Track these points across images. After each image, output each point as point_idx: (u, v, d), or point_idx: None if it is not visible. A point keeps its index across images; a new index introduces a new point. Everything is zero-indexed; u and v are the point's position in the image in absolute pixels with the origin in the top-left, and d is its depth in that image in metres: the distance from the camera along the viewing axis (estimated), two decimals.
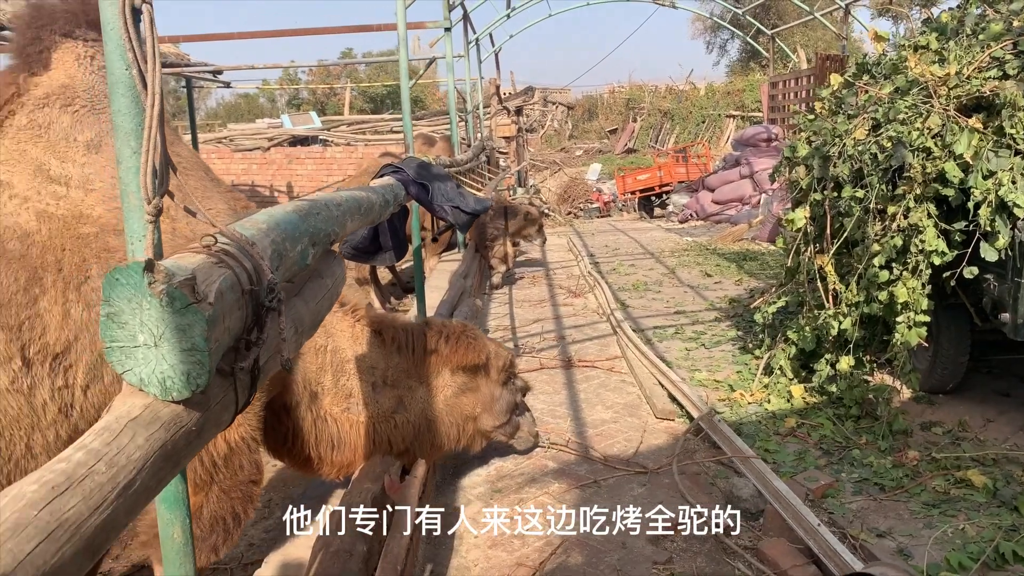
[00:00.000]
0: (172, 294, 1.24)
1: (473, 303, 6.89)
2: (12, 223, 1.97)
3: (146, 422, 1.21)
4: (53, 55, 2.28)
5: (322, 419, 2.88)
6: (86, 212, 2.11)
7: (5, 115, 2.18)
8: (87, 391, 1.99)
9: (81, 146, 2.20)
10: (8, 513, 0.92)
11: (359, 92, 35.99)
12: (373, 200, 3.06)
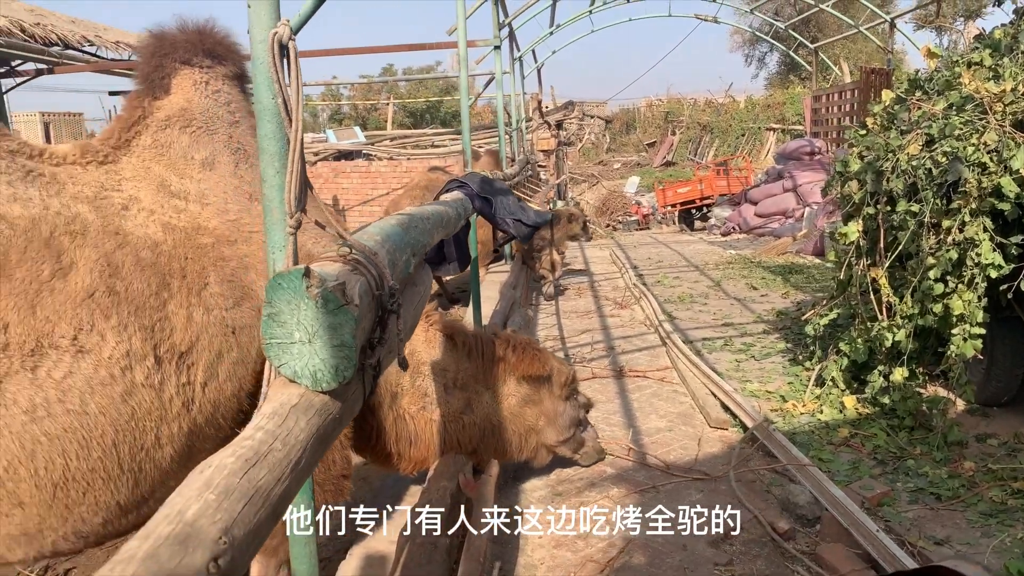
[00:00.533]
0: (326, 296, 1.41)
1: (525, 313, 7.04)
2: (143, 234, 2.13)
3: (303, 409, 1.37)
4: (173, 81, 2.50)
5: (401, 417, 3.05)
6: (203, 224, 2.29)
7: (132, 135, 2.39)
8: (205, 387, 2.16)
9: (197, 164, 2.41)
10: (218, 479, 1.09)
11: (400, 107, 36.50)
12: (450, 214, 3.23)
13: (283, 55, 1.57)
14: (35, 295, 1.87)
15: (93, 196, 2.14)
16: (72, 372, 1.87)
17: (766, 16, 21.34)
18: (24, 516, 1.87)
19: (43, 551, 1.98)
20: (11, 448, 1.80)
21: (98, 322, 1.93)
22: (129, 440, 1.96)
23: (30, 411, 1.81)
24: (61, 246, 1.96)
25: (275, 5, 1.57)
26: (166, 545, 0.93)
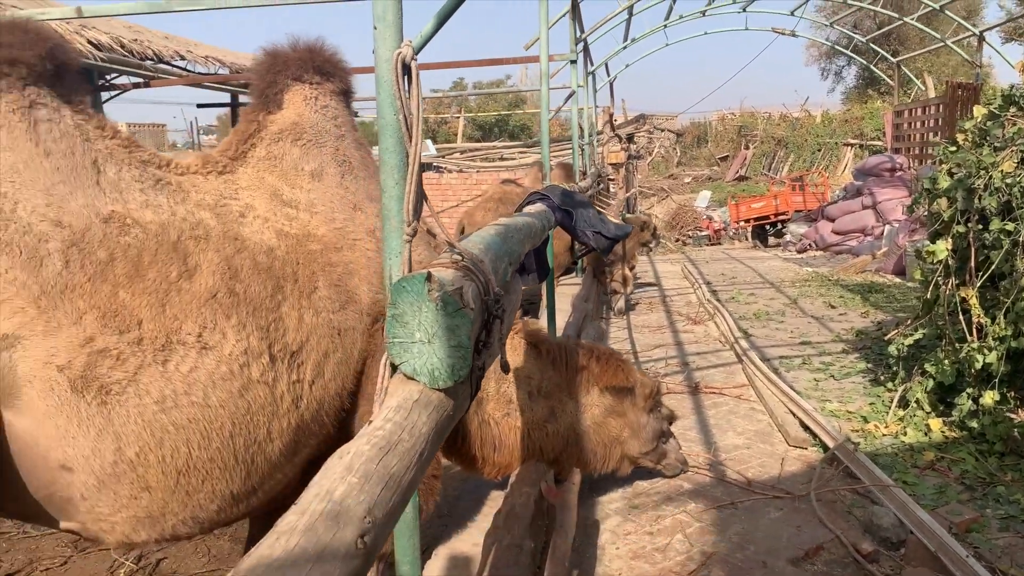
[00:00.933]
0: (446, 300, 1.49)
1: (599, 326, 7.06)
2: (259, 240, 2.26)
3: (423, 404, 1.46)
4: (285, 96, 2.63)
5: (486, 422, 3.13)
6: (312, 232, 2.41)
7: (248, 148, 2.53)
8: (312, 386, 2.28)
9: (307, 175, 2.54)
10: (357, 464, 1.18)
11: (470, 120, 36.97)
12: (537, 225, 3.31)
13: (405, 74, 1.67)
14: (165, 294, 2.02)
15: (214, 204, 2.29)
16: (197, 367, 2.00)
17: (845, 29, 20.90)
18: (150, 500, 1.99)
19: (163, 534, 2.09)
20: (143, 436, 1.93)
21: (220, 321, 2.07)
22: (244, 433, 2.08)
23: (160, 402, 1.95)
24: (187, 250, 2.11)
25: (399, 27, 1.67)
26: (321, 520, 1.02)
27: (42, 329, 1.86)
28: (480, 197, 10.30)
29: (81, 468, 1.89)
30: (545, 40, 5.44)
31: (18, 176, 1.99)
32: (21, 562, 4.06)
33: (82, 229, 1.99)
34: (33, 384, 1.84)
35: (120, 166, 2.16)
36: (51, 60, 2.13)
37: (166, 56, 11.86)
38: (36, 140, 2.05)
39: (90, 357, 1.88)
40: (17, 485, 1.91)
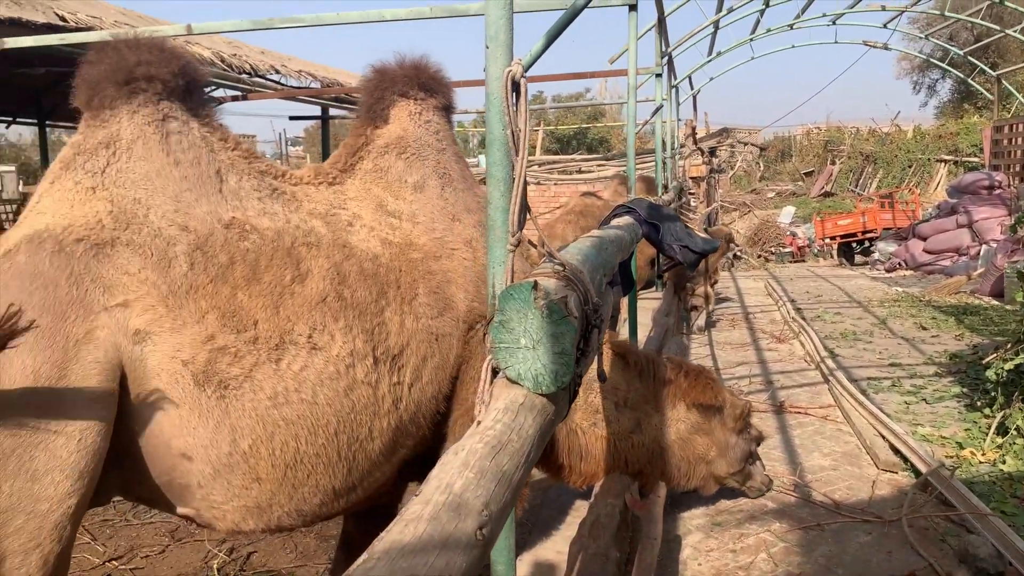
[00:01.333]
0: (551, 308, 1.55)
1: (680, 341, 7.02)
2: (366, 247, 2.37)
3: (528, 408, 1.52)
4: (391, 111, 2.76)
5: (573, 431, 3.17)
6: (414, 241, 2.52)
7: (356, 160, 2.66)
8: (411, 388, 2.36)
9: (410, 187, 2.65)
10: (472, 461, 1.24)
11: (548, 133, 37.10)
12: (626, 238, 3.34)
13: (514, 91, 1.74)
14: (279, 297, 2.14)
15: (324, 212, 2.41)
16: (307, 366, 2.11)
17: (940, 41, 20.16)
18: (259, 491, 2.10)
19: (269, 525, 2.20)
20: (256, 429, 2.05)
21: (328, 323, 2.17)
22: (348, 431, 2.18)
23: (272, 398, 2.06)
24: (299, 255, 2.23)
25: (510, 47, 1.75)
26: (444, 511, 1.08)
27: (169, 326, 2.01)
28: (560, 209, 10.37)
29: (199, 457, 2.02)
30: (634, 53, 5.46)
31: (151, 184, 2.16)
32: (123, 548, 4.29)
33: (206, 234, 2.14)
34: (160, 377, 1.99)
35: (240, 176, 2.31)
36: (183, 76, 2.30)
37: (262, 70, 12.36)
38: (167, 151, 2.21)
39: (211, 353, 2.02)
40: (142, 469, 2.06)
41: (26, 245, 2.00)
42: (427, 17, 4.88)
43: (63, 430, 1.86)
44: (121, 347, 1.97)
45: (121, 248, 2.05)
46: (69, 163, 2.19)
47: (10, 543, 1.84)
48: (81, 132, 2.26)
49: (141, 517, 4.61)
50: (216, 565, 4.06)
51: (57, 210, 2.10)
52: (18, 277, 1.94)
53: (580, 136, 38.22)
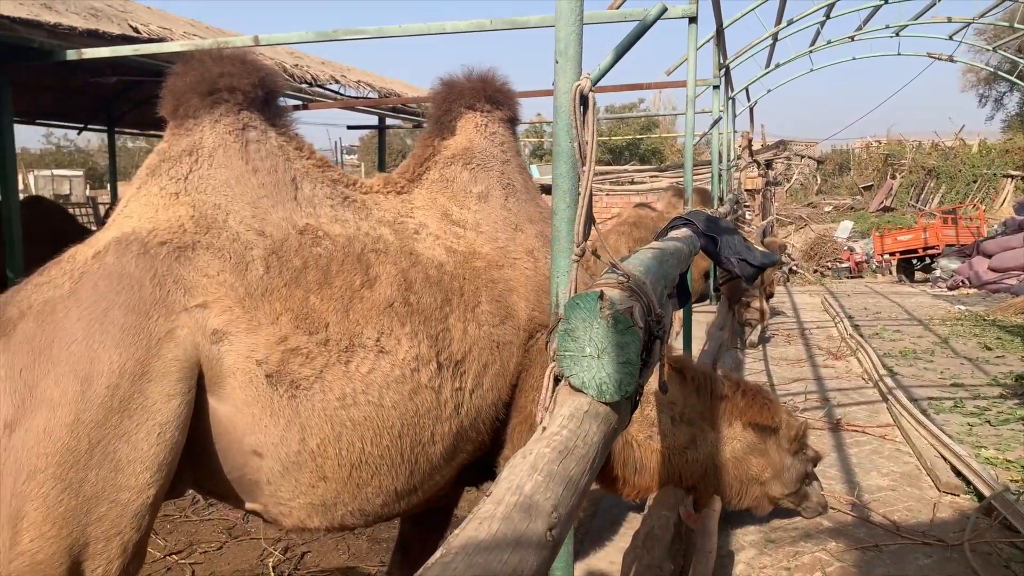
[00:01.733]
0: (617, 317, 1.58)
1: (735, 355, 6.94)
2: (431, 255, 2.43)
3: (592, 415, 1.54)
4: (458, 123, 2.83)
5: (628, 444, 3.17)
6: (477, 250, 2.57)
7: (423, 170, 2.73)
8: (472, 394, 2.36)
9: (474, 197, 2.71)
10: (541, 464, 1.27)
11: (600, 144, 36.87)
12: (685, 251, 3.34)
13: (582, 104, 1.78)
14: (349, 301, 2.21)
15: (392, 220, 2.48)
16: (374, 369, 2.17)
17: (1008, 53, 19.55)
18: (325, 489, 2.16)
19: (333, 523, 2.26)
20: (324, 429, 2.11)
21: (395, 328, 2.24)
22: (411, 433, 2.23)
23: (341, 399, 2.13)
24: (369, 261, 2.30)
25: (579, 61, 1.78)
26: (515, 511, 1.11)
27: (245, 327, 2.08)
28: (613, 220, 10.35)
29: (270, 454, 2.09)
30: (693, 64, 5.44)
31: (230, 190, 2.26)
32: (183, 543, 4.42)
33: (281, 239, 2.22)
34: (236, 376, 2.06)
35: (314, 184, 2.39)
36: (262, 88, 2.40)
37: (322, 80, 12.61)
38: (246, 159, 2.31)
39: (284, 354, 2.09)
40: (215, 464, 2.14)
41: (114, 247, 2.10)
42: (488, 30, 4.95)
43: (144, 424, 1.94)
44: (199, 346, 2.04)
45: (201, 251, 2.13)
46: (155, 169, 2.30)
47: (94, 529, 1.92)
48: (166, 140, 2.37)
49: (200, 514, 4.75)
50: (271, 563, 4.16)
51: (143, 214, 2.20)
52: (107, 277, 2.03)
53: (633, 147, 38.05)
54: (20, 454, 1.87)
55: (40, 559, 1.87)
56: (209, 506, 4.79)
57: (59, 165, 38.87)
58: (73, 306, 1.97)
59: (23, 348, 1.93)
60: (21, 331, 1.95)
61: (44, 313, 1.97)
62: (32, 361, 1.91)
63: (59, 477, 1.87)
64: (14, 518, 1.87)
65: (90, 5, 7.33)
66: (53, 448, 1.87)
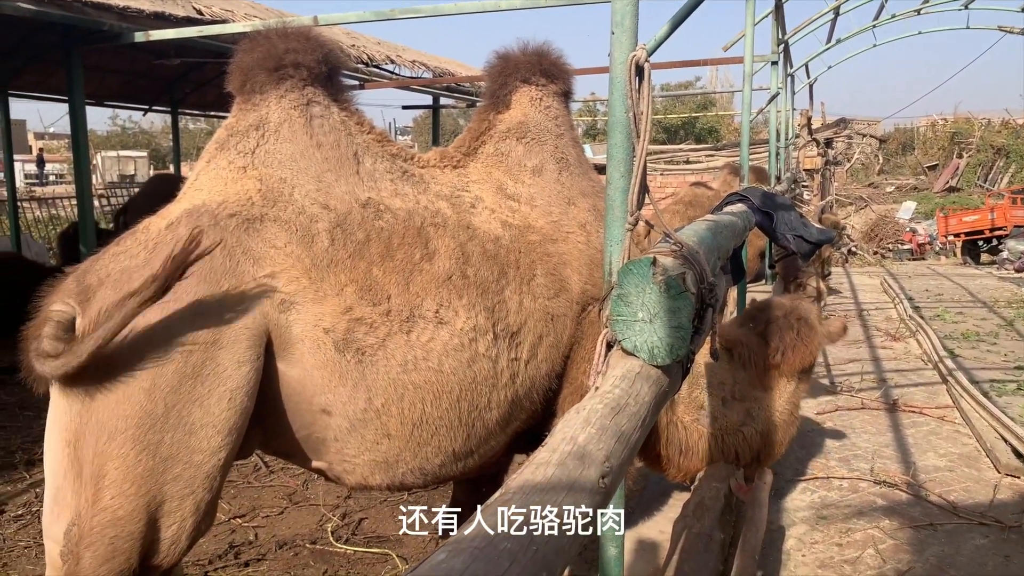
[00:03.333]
0: (670, 283, 1.62)
1: None
2: (487, 229, 2.48)
3: (644, 377, 1.59)
4: (513, 97, 2.86)
5: (674, 424, 3.19)
6: (532, 223, 2.62)
7: (479, 144, 2.78)
8: (527, 364, 2.44)
9: (528, 171, 2.75)
10: (593, 419, 1.33)
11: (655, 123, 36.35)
12: (739, 225, 3.34)
13: (638, 75, 1.81)
14: (410, 273, 2.28)
15: (449, 194, 2.54)
16: (434, 338, 2.25)
17: None
18: (388, 447, 2.26)
19: (394, 481, 2.35)
20: (388, 390, 2.20)
21: (453, 300, 2.30)
22: (469, 399, 2.31)
23: (403, 364, 2.21)
24: (428, 235, 2.36)
25: (635, 32, 1.81)
26: (570, 458, 1.17)
27: (312, 297, 2.16)
28: (668, 199, 10.28)
29: (338, 412, 2.18)
30: (750, 40, 5.39)
31: (295, 164, 2.32)
32: (246, 507, 4.60)
33: (344, 212, 2.29)
34: (304, 342, 2.15)
35: (375, 158, 2.45)
36: (326, 64, 2.45)
37: (377, 60, 12.74)
38: (311, 133, 2.37)
39: (349, 323, 2.17)
40: (282, 425, 2.23)
41: (186, 218, 2.17)
42: (542, 6, 4.97)
43: (216, 390, 2.02)
44: (268, 315, 2.11)
45: (269, 223, 2.20)
46: (224, 143, 2.37)
47: (169, 488, 2.01)
48: (234, 115, 2.44)
49: (262, 480, 4.93)
50: (330, 528, 4.31)
51: (213, 187, 2.27)
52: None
53: (688, 126, 37.48)
54: (101, 416, 1.96)
55: (120, 515, 1.96)
56: (271, 473, 4.98)
57: (124, 146, 40.04)
58: (148, 276, 2.02)
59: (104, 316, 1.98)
60: (99, 298, 2.03)
61: (121, 282, 2.04)
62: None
63: (138, 439, 1.95)
64: (96, 476, 1.96)
65: None
66: (132, 411, 1.95)
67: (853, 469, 4.60)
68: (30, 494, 4.77)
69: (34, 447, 5.51)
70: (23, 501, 4.69)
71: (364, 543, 4.14)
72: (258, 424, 2.22)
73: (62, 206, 18.26)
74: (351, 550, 4.06)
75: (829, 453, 4.88)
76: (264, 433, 2.28)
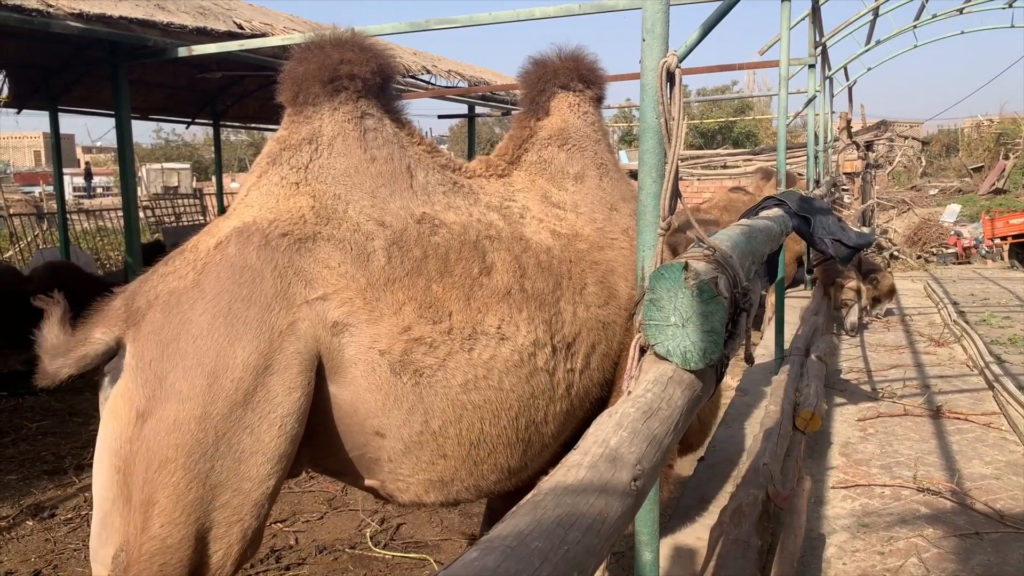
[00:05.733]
0: (702, 287, 1.62)
1: (830, 339, 6.78)
2: (538, 240, 2.46)
3: (677, 382, 1.60)
4: (552, 103, 2.86)
5: None
6: (579, 231, 2.60)
7: (522, 152, 2.76)
8: (581, 374, 2.43)
9: (571, 178, 2.74)
10: (626, 422, 1.34)
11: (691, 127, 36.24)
12: (776, 229, 3.33)
13: (669, 81, 1.82)
14: (469, 289, 2.24)
15: (499, 205, 2.51)
16: (495, 355, 2.22)
17: None
18: (444, 467, 2.22)
19: (448, 498, 2.32)
20: (446, 411, 2.17)
21: (514, 314, 2.28)
22: (527, 414, 2.28)
23: (463, 384, 2.17)
24: (484, 249, 2.33)
25: (666, 38, 1.83)
26: (601, 461, 1.19)
27: (366, 318, 2.11)
28: (704, 204, 10.22)
29: (392, 436, 2.14)
30: (786, 43, 5.35)
31: (350, 180, 2.28)
32: (287, 512, 4.68)
33: (400, 229, 2.24)
34: (357, 365, 2.10)
35: (427, 171, 2.42)
36: (380, 75, 2.41)
37: (414, 70, 12.88)
38: (365, 147, 2.33)
39: (407, 344, 2.12)
40: (334, 445, 2.20)
41: (235, 237, 2.13)
42: (576, 14, 4.99)
43: (267, 417, 1.99)
44: (320, 338, 2.07)
45: (322, 243, 2.15)
46: (275, 158, 2.32)
47: (217, 515, 1.99)
48: (285, 127, 2.38)
49: (302, 486, 5.01)
50: (369, 533, 4.36)
51: (264, 204, 2.22)
52: (229, 269, 2.06)
53: (725, 131, 37.19)
54: (152, 444, 1.94)
55: (169, 543, 1.95)
56: (311, 479, 5.05)
57: (168, 159, 40.95)
58: (198, 298, 2.02)
59: (152, 339, 1.99)
60: (149, 321, 2.01)
61: (170, 304, 2.02)
62: (160, 353, 1.97)
63: (188, 468, 1.93)
64: (146, 504, 1.95)
65: (198, 4, 7.73)
66: (183, 440, 1.93)
67: (895, 476, 4.51)
68: (79, 498, 4.91)
69: (83, 452, 5.67)
70: (73, 505, 4.83)
71: (402, 548, 4.18)
72: (308, 444, 2.18)
73: (109, 218, 18.74)
74: (389, 555, 4.10)
75: (871, 460, 4.80)
76: (314, 452, 2.24)
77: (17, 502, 4.85)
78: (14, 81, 10.17)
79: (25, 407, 6.91)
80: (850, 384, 6.58)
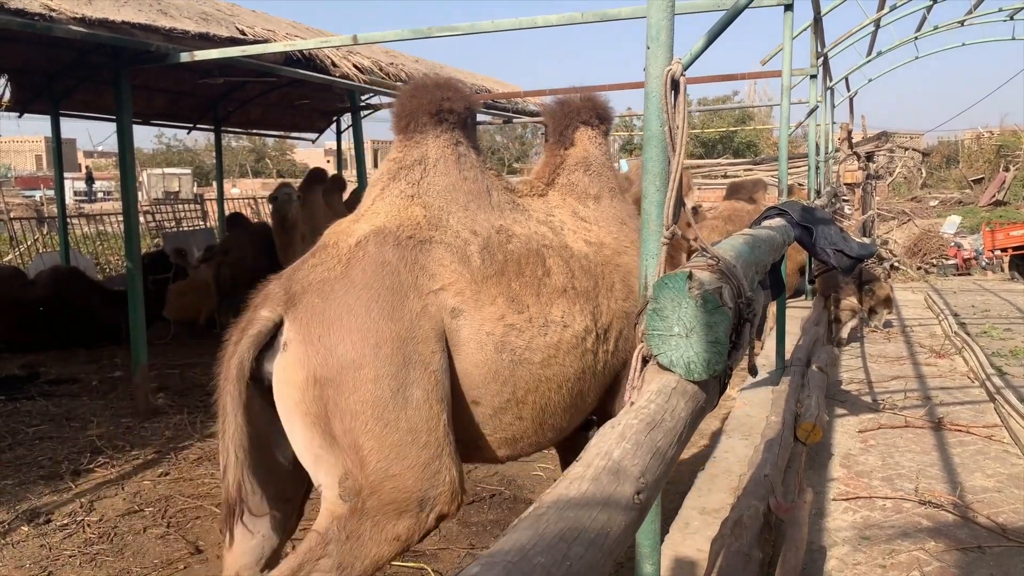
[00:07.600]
0: (706, 297, 1.60)
1: (831, 350, 6.75)
2: (577, 247, 2.91)
3: (680, 393, 1.57)
4: (575, 135, 3.36)
5: None
6: (603, 240, 3.04)
7: (555, 176, 3.26)
8: (612, 355, 2.87)
9: (592, 198, 3.23)
10: (629, 434, 1.32)
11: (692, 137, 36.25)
12: (778, 239, 3.31)
13: (673, 89, 1.81)
14: (537, 287, 2.69)
15: (545, 220, 2.98)
16: (561, 339, 2.68)
17: None
18: (518, 427, 2.65)
19: (514, 453, 2.77)
20: (528, 383, 2.61)
21: (571, 307, 2.73)
22: (579, 385, 2.74)
23: (541, 362, 2.63)
24: (543, 255, 2.77)
25: (670, 47, 1.81)
26: (604, 474, 1.17)
27: (473, 306, 2.56)
28: (709, 212, 10.18)
29: (486, 403, 2.58)
30: (788, 53, 5.34)
31: (450, 195, 2.77)
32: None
33: (487, 237, 2.71)
34: (469, 343, 2.54)
35: (498, 191, 2.93)
36: (468, 111, 2.92)
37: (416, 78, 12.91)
38: (460, 169, 2.83)
39: (504, 328, 2.57)
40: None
41: (373, 238, 2.58)
42: (579, 23, 4.99)
43: (425, 372, 2.43)
44: (443, 321, 2.52)
45: (436, 245, 2.61)
46: (395, 175, 2.80)
47: (413, 448, 2.38)
48: (398, 150, 2.86)
49: None
50: None
51: (388, 212, 2.69)
52: (372, 264, 2.51)
53: (726, 140, 37.25)
54: (340, 403, 2.36)
55: (392, 472, 2.36)
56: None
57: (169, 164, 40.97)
58: (350, 286, 2.47)
59: (316, 318, 2.42)
60: (307, 304, 2.45)
61: (324, 291, 2.46)
62: (327, 329, 2.40)
63: (378, 418, 2.35)
64: (353, 447, 2.36)
65: (200, 9, 7.73)
66: (366, 397, 2.36)
67: (897, 489, 4.49)
68: (75, 504, 4.88)
69: (80, 457, 5.64)
70: (68, 511, 4.79)
71: (400, 557, 4.15)
72: None
73: (109, 222, 18.73)
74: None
75: (872, 472, 4.78)
76: None
77: (13, 507, 4.82)
78: (16, 85, 10.18)
79: (22, 411, 6.88)
80: (851, 395, 6.56)
